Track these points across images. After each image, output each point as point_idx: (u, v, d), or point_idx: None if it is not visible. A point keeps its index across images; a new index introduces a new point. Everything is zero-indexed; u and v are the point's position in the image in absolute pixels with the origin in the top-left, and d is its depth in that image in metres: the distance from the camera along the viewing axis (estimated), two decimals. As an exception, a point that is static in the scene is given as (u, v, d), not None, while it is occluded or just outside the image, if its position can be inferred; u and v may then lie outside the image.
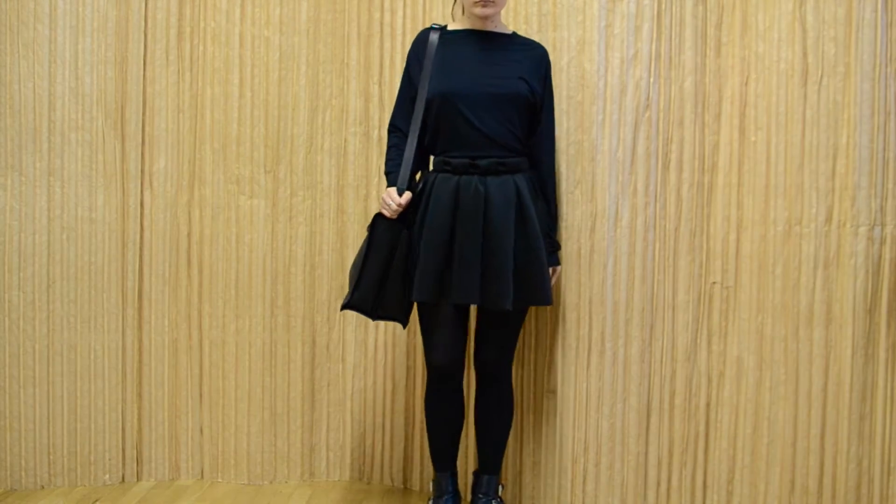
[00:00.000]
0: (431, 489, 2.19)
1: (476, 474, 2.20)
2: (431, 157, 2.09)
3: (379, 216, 1.98)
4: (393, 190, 1.98)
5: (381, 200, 2.00)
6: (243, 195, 2.49)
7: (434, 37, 2.03)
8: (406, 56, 2.11)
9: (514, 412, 2.24)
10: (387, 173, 2.08)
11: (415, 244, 1.97)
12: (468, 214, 1.94)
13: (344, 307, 1.99)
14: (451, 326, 2.00)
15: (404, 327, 2.08)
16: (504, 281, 1.91)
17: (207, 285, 2.51)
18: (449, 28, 2.08)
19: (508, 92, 1.98)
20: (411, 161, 1.99)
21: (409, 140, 2.00)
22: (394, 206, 1.95)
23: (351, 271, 2.04)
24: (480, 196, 1.94)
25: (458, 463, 2.28)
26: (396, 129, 2.09)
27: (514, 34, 2.12)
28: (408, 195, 1.97)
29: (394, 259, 1.96)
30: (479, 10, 1.97)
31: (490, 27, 2.05)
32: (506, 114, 1.98)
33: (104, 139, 2.45)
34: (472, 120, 1.96)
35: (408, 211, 1.98)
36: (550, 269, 2.07)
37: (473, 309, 2.20)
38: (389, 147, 2.10)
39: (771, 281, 2.10)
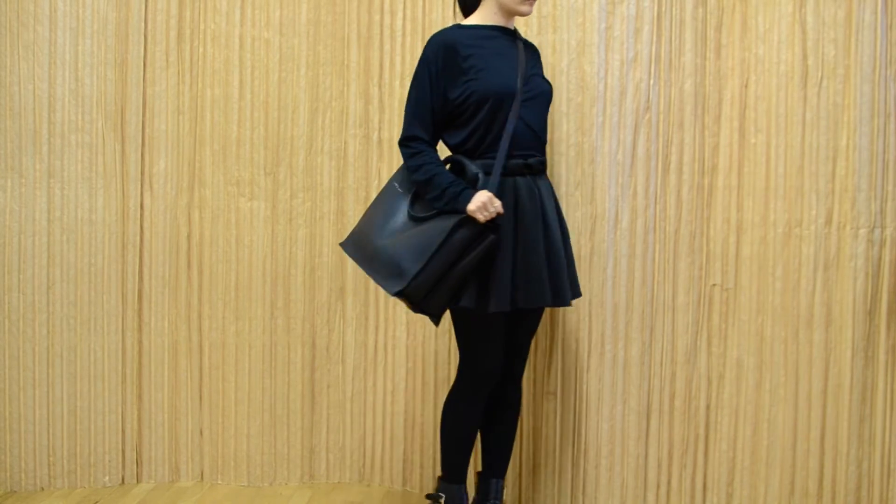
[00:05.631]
0: (442, 502, 2.05)
1: (484, 477, 2.11)
2: (459, 159, 1.93)
3: (467, 219, 1.80)
4: (490, 195, 1.81)
5: (478, 204, 1.79)
6: (243, 197, 2.49)
7: (461, 36, 1.90)
8: (420, 61, 1.90)
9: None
10: (449, 183, 1.83)
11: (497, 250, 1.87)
12: (530, 217, 1.87)
13: (398, 294, 1.79)
14: (501, 334, 1.95)
15: (437, 326, 1.95)
16: (564, 278, 1.90)
17: (207, 287, 2.51)
18: (467, 24, 1.95)
19: (543, 90, 1.96)
20: (503, 162, 1.86)
21: (501, 145, 1.87)
22: (492, 213, 1.80)
23: (396, 250, 1.83)
24: (537, 197, 1.89)
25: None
26: (418, 139, 1.89)
27: (517, 30, 2.05)
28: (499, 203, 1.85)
29: (460, 263, 1.81)
30: (526, 9, 1.91)
31: (512, 24, 1.98)
32: (543, 111, 1.96)
33: (104, 141, 2.45)
34: (525, 118, 1.89)
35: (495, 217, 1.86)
36: None
37: None
38: (418, 153, 1.88)
39: (771, 283, 2.10)
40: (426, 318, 2.43)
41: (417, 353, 2.47)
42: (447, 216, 1.82)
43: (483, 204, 1.80)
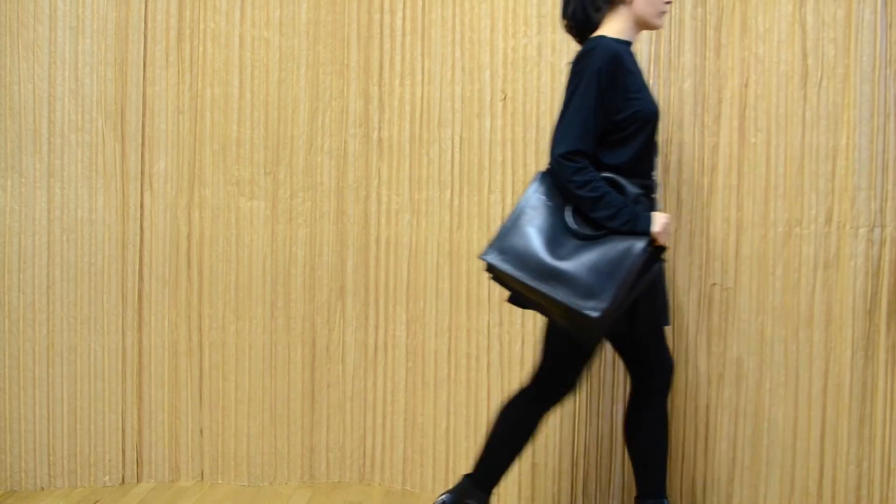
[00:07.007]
0: None
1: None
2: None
3: (651, 241, 1.74)
4: (669, 217, 1.79)
5: (663, 226, 1.75)
6: (243, 196, 2.49)
7: (622, 51, 1.79)
8: (590, 70, 1.73)
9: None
10: (623, 203, 1.73)
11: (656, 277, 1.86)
12: None
13: (601, 315, 1.66)
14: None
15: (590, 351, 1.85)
16: None
17: (207, 287, 2.51)
18: (615, 37, 1.82)
19: None
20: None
21: (655, 165, 1.88)
22: (669, 236, 1.80)
23: (581, 270, 1.71)
24: None
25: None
26: (583, 154, 1.75)
27: None
28: None
29: (636, 286, 1.75)
30: (661, 22, 1.87)
31: None
32: None
33: (104, 140, 2.45)
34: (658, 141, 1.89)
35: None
36: None
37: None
38: (583, 168, 1.74)
39: (771, 282, 2.10)
40: (426, 318, 2.43)
41: (417, 353, 2.47)
42: (622, 237, 1.73)
43: (665, 227, 1.76)
